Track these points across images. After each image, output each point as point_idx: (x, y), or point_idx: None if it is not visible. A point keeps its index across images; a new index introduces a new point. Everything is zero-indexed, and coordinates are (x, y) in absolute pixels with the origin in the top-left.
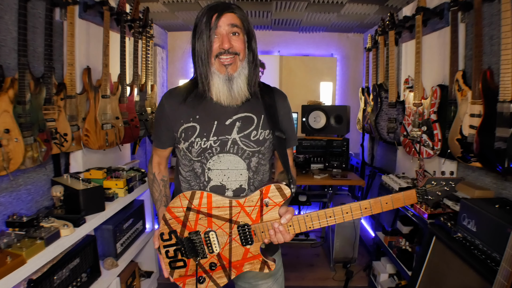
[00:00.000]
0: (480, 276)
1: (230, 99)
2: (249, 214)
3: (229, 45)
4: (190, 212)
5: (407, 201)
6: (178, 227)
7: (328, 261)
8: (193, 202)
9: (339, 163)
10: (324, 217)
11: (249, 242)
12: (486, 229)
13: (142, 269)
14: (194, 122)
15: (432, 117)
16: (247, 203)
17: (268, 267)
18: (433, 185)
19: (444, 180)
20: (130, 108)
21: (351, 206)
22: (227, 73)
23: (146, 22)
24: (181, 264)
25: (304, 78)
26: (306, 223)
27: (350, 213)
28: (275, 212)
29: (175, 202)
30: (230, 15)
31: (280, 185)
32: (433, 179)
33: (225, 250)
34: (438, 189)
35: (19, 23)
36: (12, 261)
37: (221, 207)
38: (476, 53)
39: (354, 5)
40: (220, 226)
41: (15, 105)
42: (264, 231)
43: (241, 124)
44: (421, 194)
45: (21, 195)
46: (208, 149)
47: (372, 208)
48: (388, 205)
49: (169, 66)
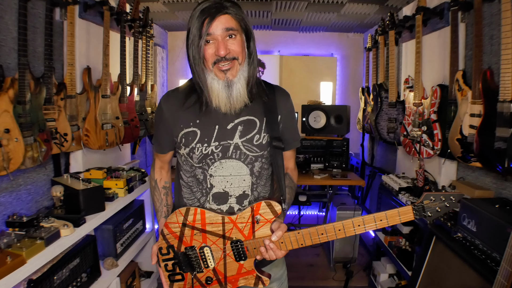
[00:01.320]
0: (480, 276)
1: (229, 106)
2: (241, 230)
3: (226, 51)
4: (185, 228)
5: (403, 218)
6: (175, 242)
7: (328, 261)
8: (188, 218)
9: (339, 163)
10: (316, 234)
11: (242, 258)
12: (486, 229)
13: (142, 269)
14: (194, 127)
15: (432, 117)
16: (239, 220)
17: (262, 283)
18: (431, 200)
19: (444, 195)
20: (130, 108)
21: (343, 223)
22: (226, 79)
23: (146, 22)
24: (180, 277)
25: (304, 78)
26: (298, 240)
27: (343, 230)
28: (267, 229)
29: (172, 218)
30: (224, 17)
31: (270, 202)
32: (432, 195)
33: (220, 265)
34: (438, 205)
35: (19, 23)
36: (12, 261)
37: (214, 223)
38: (476, 53)
39: (354, 5)
40: (214, 242)
41: (15, 105)
42: (256, 248)
43: (243, 128)
44: (418, 211)
45: (21, 195)
46: (209, 155)
47: (366, 224)
48: (383, 222)
49: (169, 66)
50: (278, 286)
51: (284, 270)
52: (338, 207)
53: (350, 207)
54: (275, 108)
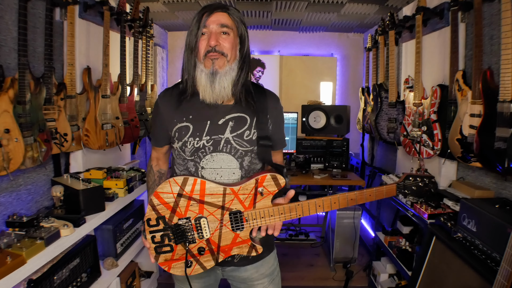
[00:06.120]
0: (480, 276)
1: (212, 96)
2: (242, 201)
3: (216, 42)
4: (181, 199)
5: (387, 194)
6: (167, 213)
7: (328, 261)
8: (185, 189)
9: (339, 163)
10: (314, 206)
11: (239, 228)
12: (486, 229)
13: (142, 269)
14: (187, 122)
15: (432, 117)
16: (242, 191)
17: (256, 251)
18: (410, 181)
19: (419, 177)
20: (130, 108)
21: (339, 196)
22: (212, 68)
23: (146, 22)
24: (168, 249)
25: (304, 78)
26: (296, 210)
27: (338, 203)
28: (268, 200)
29: (164, 187)
30: (221, 14)
31: (276, 175)
32: (411, 175)
33: (215, 235)
34: (414, 185)
35: (19, 23)
36: (12, 261)
37: (214, 194)
38: (476, 53)
39: (354, 5)
40: (211, 213)
41: (15, 105)
42: (256, 218)
43: (234, 124)
44: (400, 189)
45: (21, 195)
46: (201, 148)
47: (357, 199)
48: (371, 197)
49: (169, 66)
50: (269, 281)
51: (276, 266)
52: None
53: (350, 207)
54: (265, 109)
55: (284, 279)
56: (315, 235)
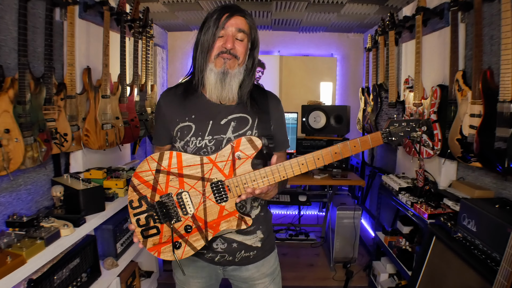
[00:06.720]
0: (480, 276)
1: (220, 96)
2: (221, 169)
3: (232, 46)
4: (160, 175)
5: (374, 143)
6: (148, 192)
7: (328, 261)
8: (162, 163)
9: (339, 163)
10: (297, 165)
11: (223, 199)
12: (486, 229)
13: (142, 269)
14: (189, 122)
15: (432, 117)
16: (219, 159)
17: (245, 223)
18: (395, 126)
19: (405, 121)
20: (130, 108)
21: (321, 152)
22: (224, 67)
23: (146, 22)
24: (154, 231)
25: (304, 78)
26: (279, 172)
27: (322, 160)
28: (248, 165)
29: (142, 166)
30: (240, 18)
31: (251, 137)
32: (396, 121)
33: (200, 210)
34: (400, 130)
35: (19, 23)
36: (12, 261)
37: (192, 166)
38: (476, 53)
39: (354, 5)
40: (192, 186)
41: (15, 105)
42: (238, 185)
43: (236, 124)
44: (386, 136)
45: (21, 195)
46: (203, 148)
47: (342, 152)
48: (356, 148)
49: (169, 66)
50: (270, 281)
51: (277, 266)
52: (338, 207)
53: (350, 207)
54: (267, 110)
55: (284, 279)
56: (315, 235)
